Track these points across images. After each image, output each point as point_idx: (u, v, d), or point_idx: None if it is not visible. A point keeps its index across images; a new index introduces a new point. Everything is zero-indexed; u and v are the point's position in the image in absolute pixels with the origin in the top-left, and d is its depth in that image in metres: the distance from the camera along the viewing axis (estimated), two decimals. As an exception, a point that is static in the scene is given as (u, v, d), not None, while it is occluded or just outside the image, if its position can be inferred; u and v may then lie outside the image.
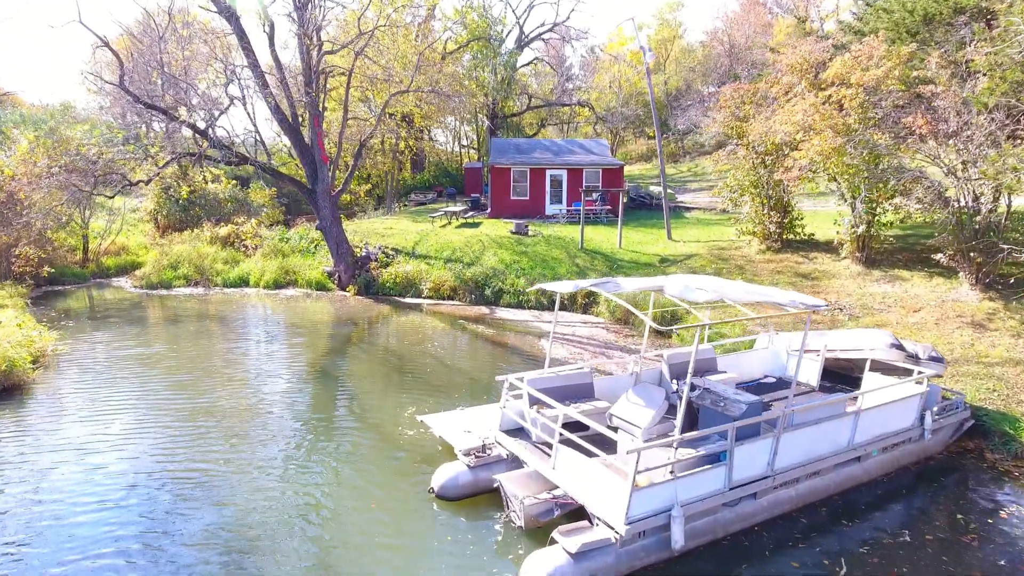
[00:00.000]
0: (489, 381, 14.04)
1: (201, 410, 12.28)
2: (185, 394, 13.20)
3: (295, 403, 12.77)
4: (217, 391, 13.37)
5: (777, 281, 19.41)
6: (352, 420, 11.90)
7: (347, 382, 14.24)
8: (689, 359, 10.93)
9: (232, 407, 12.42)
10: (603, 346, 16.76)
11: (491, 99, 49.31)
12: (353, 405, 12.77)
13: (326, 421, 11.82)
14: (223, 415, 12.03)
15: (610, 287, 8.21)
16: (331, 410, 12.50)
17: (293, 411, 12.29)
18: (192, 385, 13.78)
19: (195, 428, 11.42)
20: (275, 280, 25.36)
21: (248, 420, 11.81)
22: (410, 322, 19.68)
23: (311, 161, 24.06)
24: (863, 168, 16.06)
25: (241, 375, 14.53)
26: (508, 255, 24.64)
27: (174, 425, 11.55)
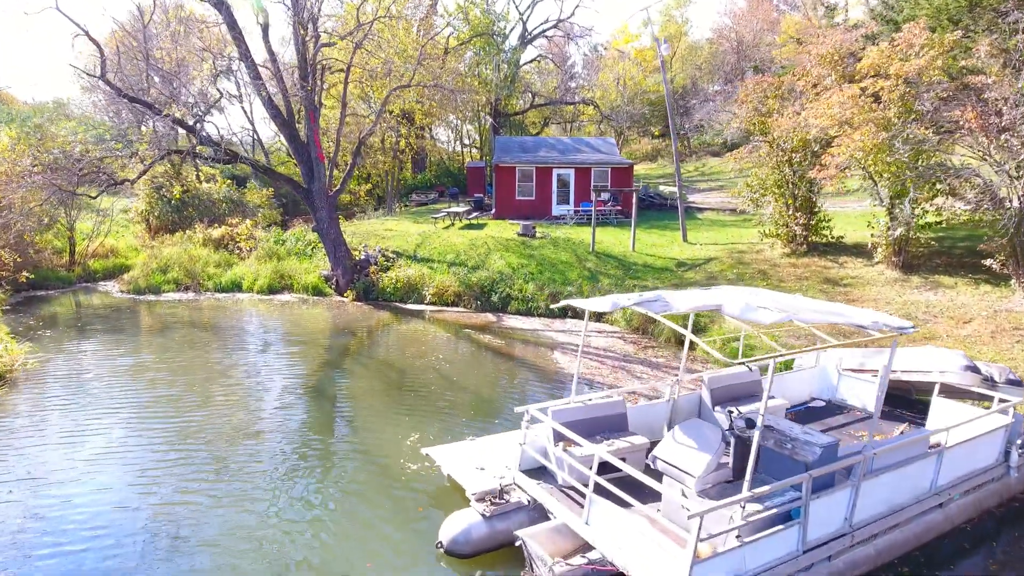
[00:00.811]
0: (499, 400, 12.70)
1: (183, 433, 10.96)
2: (165, 414, 11.88)
3: (286, 425, 11.44)
4: (201, 411, 12.04)
5: (805, 288, 18.06)
6: (348, 448, 10.57)
7: (343, 401, 12.91)
8: (734, 382, 9.61)
9: (217, 430, 11.09)
10: (622, 359, 15.42)
11: (494, 97, 47.99)
12: (349, 429, 11.44)
13: (319, 450, 10.49)
14: (207, 439, 10.71)
15: (658, 306, 6.87)
16: (325, 435, 11.16)
17: (283, 435, 10.95)
18: (174, 403, 12.46)
19: (176, 454, 10.11)
20: (269, 285, 24.04)
21: (234, 445, 10.48)
22: (412, 331, 18.36)
23: (307, 159, 22.75)
24: (908, 166, 14.72)
25: (228, 392, 13.20)
26: (515, 258, 23.32)
27: (152, 450, 10.23)
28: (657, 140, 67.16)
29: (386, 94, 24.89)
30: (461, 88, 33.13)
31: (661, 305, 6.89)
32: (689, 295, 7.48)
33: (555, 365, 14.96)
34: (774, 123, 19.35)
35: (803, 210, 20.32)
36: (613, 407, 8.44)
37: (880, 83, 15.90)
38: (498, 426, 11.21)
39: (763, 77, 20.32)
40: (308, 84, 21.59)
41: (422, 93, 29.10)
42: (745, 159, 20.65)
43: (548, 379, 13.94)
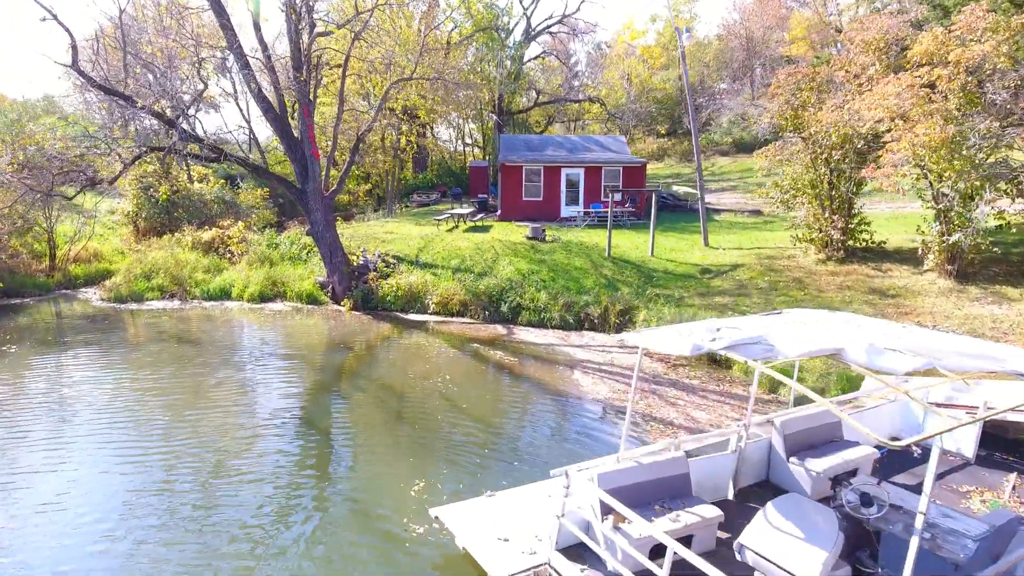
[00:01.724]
0: (516, 435, 11.01)
1: (151, 472, 9.29)
2: (134, 449, 10.20)
3: (271, 465, 9.76)
4: (174, 444, 10.37)
5: (849, 300, 16.39)
6: (342, 498, 8.88)
7: (338, 435, 11.23)
8: (811, 425, 7.91)
9: (191, 470, 9.43)
10: (651, 380, 13.73)
11: (497, 94, 46.35)
12: (344, 473, 9.75)
13: (308, 499, 8.81)
14: (178, 480, 9.04)
15: (758, 351, 5.17)
16: (316, 479, 9.48)
17: (268, 477, 9.28)
18: (144, 435, 10.78)
19: (141, 500, 8.44)
20: (261, 292, 22.34)
21: (211, 489, 8.83)
22: (414, 346, 16.66)
23: (301, 157, 21.06)
24: (975, 163, 13.05)
25: (206, 422, 11.51)
26: (525, 264, 21.63)
27: (108, 497, 8.56)
28: (662, 139, 65.52)
29: (386, 87, 23.20)
30: (465, 82, 31.51)
31: (762, 350, 5.20)
32: (798, 337, 5.62)
33: (577, 388, 13.27)
34: (810, 117, 17.68)
35: (840, 212, 18.63)
36: (673, 466, 6.74)
37: (937, 72, 14.23)
38: (517, 469, 9.53)
39: (796, 68, 18.63)
40: (301, 75, 19.91)
41: (424, 88, 27.45)
42: (777, 157, 18.93)
43: (571, 407, 12.26)
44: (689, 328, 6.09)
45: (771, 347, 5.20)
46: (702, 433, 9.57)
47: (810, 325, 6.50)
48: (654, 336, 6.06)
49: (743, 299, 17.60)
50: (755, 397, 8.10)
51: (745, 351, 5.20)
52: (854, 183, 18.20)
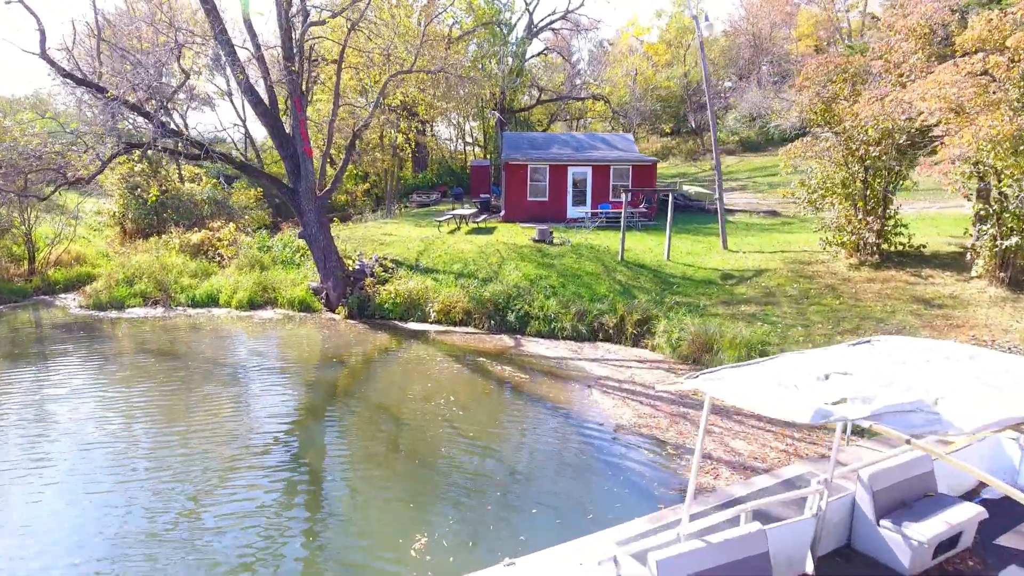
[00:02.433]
0: (534, 473, 9.56)
1: (106, 518, 7.87)
2: (82, 491, 8.78)
3: (250, 508, 8.33)
4: (142, 476, 8.94)
5: (891, 310, 14.98)
6: (328, 563, 7.45)
7: (327, 471, 9.81)
8: (903, 477, 6.46)
9: (151, 519, 8.00)
10: (679, 402, 12.30)
11: (500, 91, 44.98)
12: (333, 522, 8.31)
13: (291, 559, 7.38)
14: (138, 529, 7.62)
15: (918, 421, 3.70)
16: (301, 533, 8.06)
17: (246, 528, 7.86)
18: (104, 467, 9.35)
19: (95, 553, 7.02)
20: (250, 298, 20.90)
21: (176, 545, 7.40)
22: (414, 360, 15.24)
23: (292, 154, 19.63)
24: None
25: (179, 450, 10.09)
26: (532, 269, 20.21)
27: (57, 544, 7.14)
28: (665, 138, 64.18)
29: (385, 80, 21.77)
30: (467, 76, 30.13)
31: (925, 420, 3.75)
32: (974, 407, 3.97)
33: (597, 411, 11.84)
34: (844, 110, 16.27)
35: (874, 213, 17.23)
36: (750, 544, 5.27)
37: (993, 59, 12.82)
38: (536, 518, 8.11)
39: (828, 57, 17.23)
40: (293, 66, 18.48)
41: (424, 82, 26.04)
42: (806, 154, 17.51)
43: (592, 435, 10.82)
44: (776, 371, 4.69)
45: (935, 417, 3.76)
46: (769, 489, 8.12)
47: (938, 363, 5.06)
48: (734, 385, 4.63)
49: (771, 308, 16.19)
50: (789, 421, 6.67)
51: (900, 422, 3.76)
52: (890, 182, 16.81)
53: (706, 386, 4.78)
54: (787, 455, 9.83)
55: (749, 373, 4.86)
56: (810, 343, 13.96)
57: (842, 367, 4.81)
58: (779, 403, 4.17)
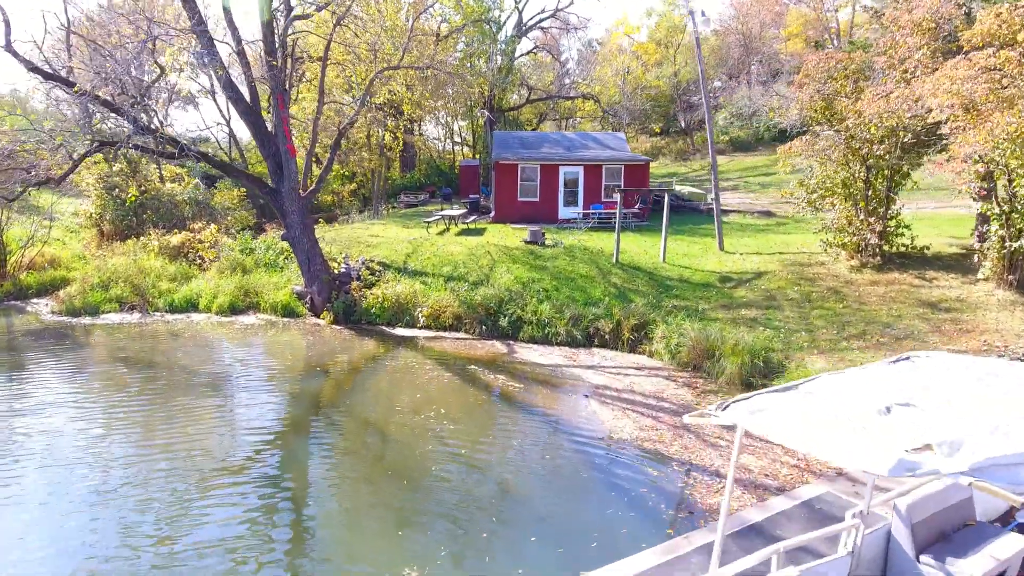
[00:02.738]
0: (528, 494, 8.91)
1: (67, 544, 7.13)
2: (48, 511, 8.02)
3: (226, 536, 7.62)
4: (107, 499, 8.20)
5: (897, 314, 14.49)
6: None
7: (309, 495, 9.10)
8: (941, 507, 5.86)
9: (117, 540, 7.27)
10: (682, 411, 11.69)
11: (489, 90, 44.34)
12: (314, 559, 7.62)
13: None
14: (101, 553, 6.89)
15: None
16: (279, 566, 7.36)
17: (212, 560, 7.15)
18: (63, 492, 8.59)
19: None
20: (231, 303, 20.09)
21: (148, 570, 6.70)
22: (402, 369, 14.54)
23: (275, 153, 18.87)
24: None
25: (150, 469, 9.34)
26: (525, 271, 19.58)
27: (21, 565, 6.41)
28: (655, 138, 63.86)
29: (371, 76, 21.05)
30: (457, 72, 29.47)
31: None
32: None
33: (597, 424, 11.21)
34: (846, 108, 15.77)
35: (876, 214, 16.75)
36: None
37: (1004, 54, 12.34)
38: (535, 547, 7.46)
39: (829, 53, 16.73)
40: (275, 60, 17.73)
41: (412, 78, 25.34)
42: (805, 152, 17.00)
43: (593, 452, 10.19)
44: (822, 400, 4.08)
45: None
46: (788, 513, 7.50)
47: (997, 387, 4.46)
48: (781, 420, 3.99)
49: (773, 312, 15.66)
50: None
51: (1008, 478, 3.15)
52: (893, 181, 16.35)
53: (749, 422, 4.15)
54: (799, 471, 9.26)
55: (792, 403, 4.24)
56: (815, 349, 13.44)
57: (898, 394, 4.21)
58: (845, 448, 3.55)
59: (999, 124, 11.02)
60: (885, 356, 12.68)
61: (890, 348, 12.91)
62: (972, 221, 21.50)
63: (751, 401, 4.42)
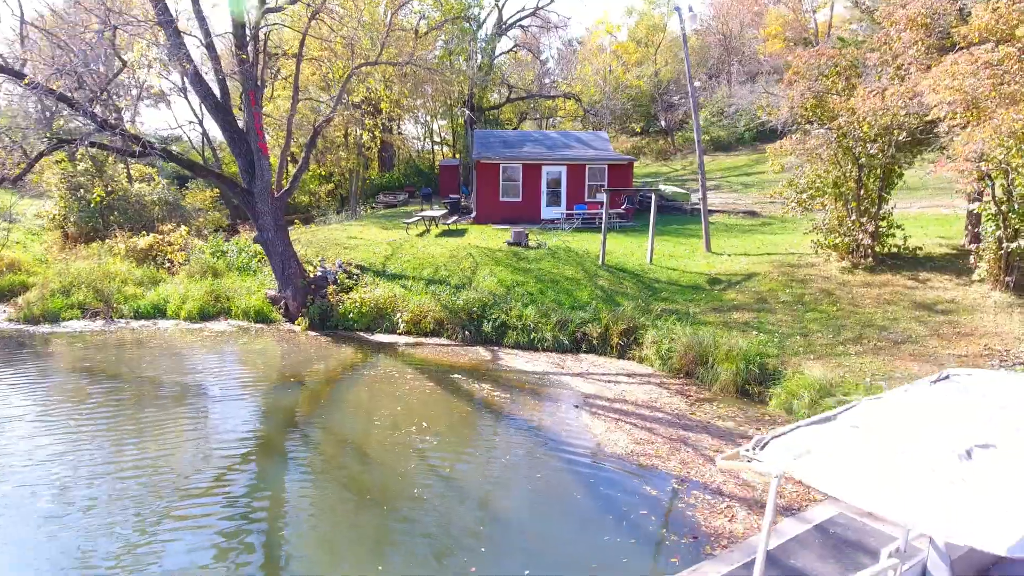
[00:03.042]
0: (521, 522, 8.26)
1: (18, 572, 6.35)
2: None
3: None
4: (55, 527, 7.39)
5: (893, 316, 14.11)
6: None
7: (279, 525, 8.35)
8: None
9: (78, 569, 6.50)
10: (676, 422, 11.14)
11: (469, 88, 43.64)
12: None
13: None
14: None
15: None
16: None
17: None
18: (15, 516, 7.75)
19: None
20: (201, 309, 19.16)
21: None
22: (381, 378, 13.81)
23: (247, 152, 18.00)
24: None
25: (103, 497, 8.52)
26: (508, 274, 18.95)
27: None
28: (635, 138, 63.69)
29: (348, 72, 20.27)
30: (437, 68, 28.76)
31: None
32: None
33: (589, 438, 10.60)
34: (838, 105, 15.37)
35: (868, 214, 16.39)
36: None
37: (1004, 49, 11.99)
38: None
39: (820, 49, 16.33)
40: (245, 55, 16.89)
41: (390, 74, 24.57)
42: (796, 151, 16.59)
43: (588, 470, 9.58)
44: (878, 436, 3.49)
45: None
46: (802, 539, 6.92)
47: None
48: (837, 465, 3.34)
49: (765, 315, 15.21)
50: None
51: None
52: (886, 180, 16.01)
53: (797, 469, 3.52)
54: (804, 486, 8.73)
55: (843, 442, 3.64)
56: (811, 354, 12.99)
57: (969, 430, 3.64)
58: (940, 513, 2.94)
59: (1005, 121, 10.65)
60: (883, 360, 12.29)
61: (888, 353, 12.50)
62: (957, 221, 21.37)
63: (791, 437, 3.83)
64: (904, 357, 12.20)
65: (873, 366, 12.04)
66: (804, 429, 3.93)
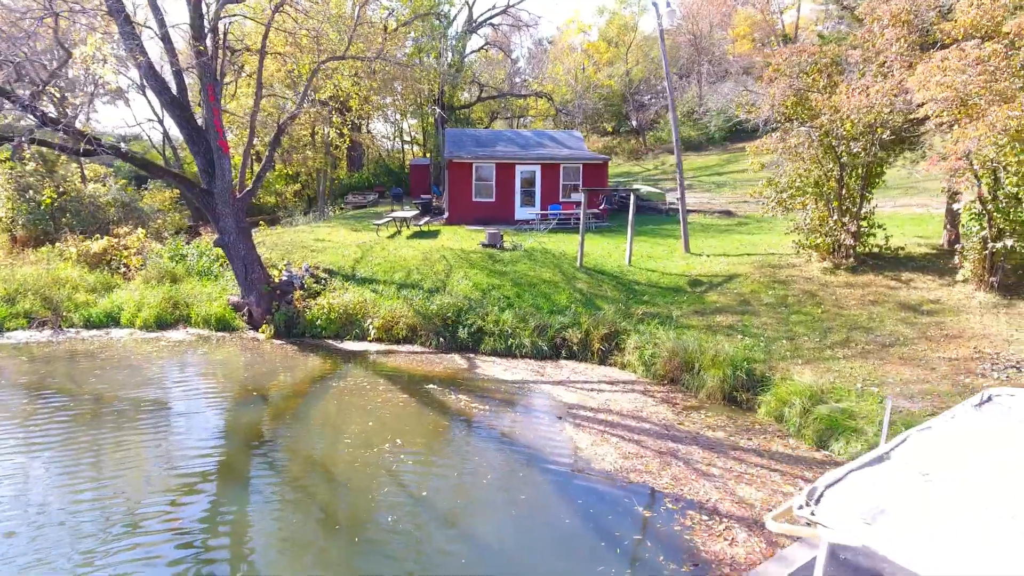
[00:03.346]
0: (506, 551, 7.60)
1: None
2: None
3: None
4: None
5: (879, 318, 13.81)
6: None
7: (236, 565, 7.56)
8: None
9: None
10: (664, 432, 10.61)
11: (439, 87, 42.83)
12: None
13: None
14: None
15: None
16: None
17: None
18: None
19: None
20: (158, 316, 18.08)
21: None
22: (351, 390, 13.02)
23: (206, 150, 17.01)
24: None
25: (37, 531, 7.61)
26: (483, 277, 18.28)
27: None
28: (606, 137, 63.61)
29: (315, 66, 19.38)
30: (408, 64, 27.94)
31: None
32: None
33: (574, 452, 9.99)
34: (821, 103, 15.05)
35: (850, 213, 16.13)
36: None
37: (990, 46, 11.74)
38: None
39: (801, 45, 16.01)
40: (203, 46, 15.92)
41: (360, 70, 23.69)
42: (778, 150, 16.25)
43: (576, 490, 8.97)
44: (956, 491, 2.93)
45: None
46: (811, 567, 6.35)
47: None
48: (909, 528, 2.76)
49: (749, 318, 14.81)
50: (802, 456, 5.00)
51: None
52: (867, 180, 15.76)
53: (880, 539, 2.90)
54: (805, 504, 8.24)
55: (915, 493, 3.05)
56: (799, 358, 12.60)
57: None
58: None
59: (1000, 118, 10.36)
60: (873, 364, 11.93)
61: (878, 356, 12.16)
62: (932, 220, 21.36)
63: (848, 486, 3.26)
64: (894, 361, 11.86)
65: (863, 371, 11.67)
66: (859, 474, 3.38)
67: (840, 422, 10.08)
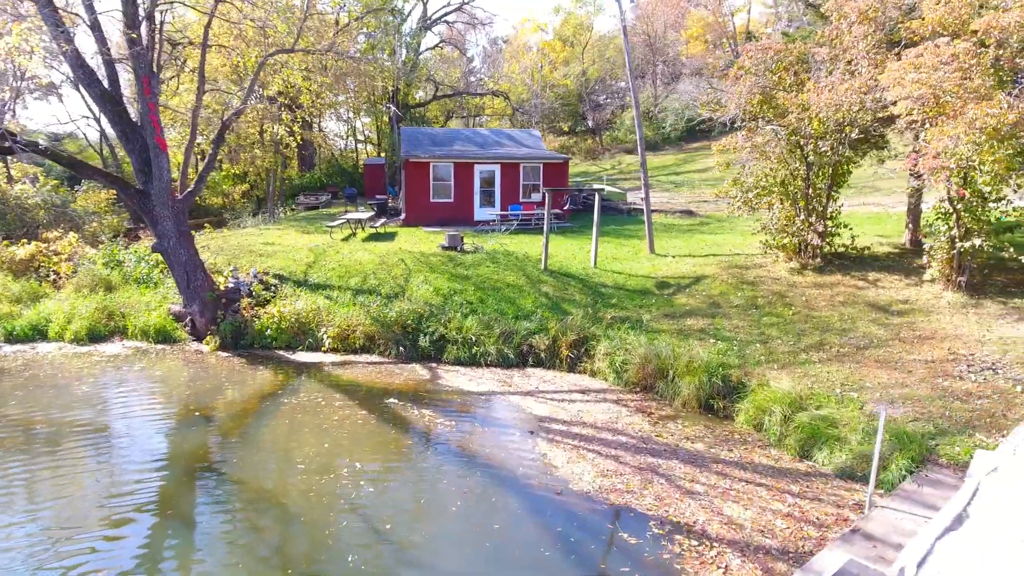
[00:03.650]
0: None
1: None
2: None
3: None
4: None
5: (850, 318, 13.60)
6: None
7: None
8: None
9: None
10: (641, 446, 10.04)
11: (393, 84, 41.71)
12: None
13: None
14: None
15: None
16: None
17: None
18: None
19: None
20: (91, 329, 16.64)
21: None
22: (305, 406, 12.06)
23: (141, 148, 15.75)
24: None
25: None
26: (444, 282, 17.48)
27: None
28: (562, 137, 63.48)
29: (262, 59, 18.23)
30: (362, 58, 26.88)
31: None
32: None
33: (549, 472, 9.32)
34: (788, 101, 14.80)
35: (817, 213, 15.96)
36: None
37: (960, 43, 11.59)
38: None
39: (767, 43, 15.74)
40: (135, 34, 14.67)
41: (311, 64, 22.53)
42: (746, 149, 15.95)
43: (553, 515, 8.30)
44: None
45: None
46: None
47: None
48: None
49: (720, 321, 14.44)
50: (786, 468, 4.49)
51: None
52: (834, 179, 15.61)
53: None
54: (797, 523, 7.79)
55: None
56: (774, 363, 12.23)
57: None
58: None
59: (979, 117, 10.15)
60: (849, 368, 11.63)
61: (853, 360, 11.89)
62: (890, 220, 21.54)
63: (938, 564, 2.67)
64: (870, 364, 11.60)
65: (840, 375, 11.37)
66: (946, 543, 2.80)
67: (822, 430, 9.70)
